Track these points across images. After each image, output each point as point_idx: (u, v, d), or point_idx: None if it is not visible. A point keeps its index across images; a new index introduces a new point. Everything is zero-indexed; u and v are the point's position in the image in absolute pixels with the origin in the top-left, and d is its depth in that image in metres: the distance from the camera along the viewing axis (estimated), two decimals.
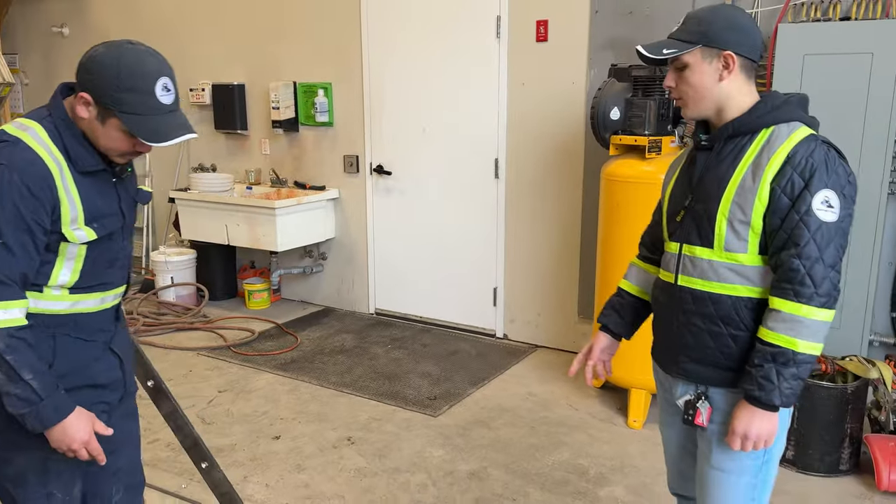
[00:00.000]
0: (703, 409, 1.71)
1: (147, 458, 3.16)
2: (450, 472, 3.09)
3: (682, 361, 1.75)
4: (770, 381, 1.58)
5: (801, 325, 1.56)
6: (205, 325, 4.98)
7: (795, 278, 1.56)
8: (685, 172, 1.80)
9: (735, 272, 1.66)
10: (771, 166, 1.60)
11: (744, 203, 1.62)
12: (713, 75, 1.65)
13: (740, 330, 1.66)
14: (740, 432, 1.63)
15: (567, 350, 4.48)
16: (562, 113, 4.24)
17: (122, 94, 1.57)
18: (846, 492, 2.92)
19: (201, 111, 5.75)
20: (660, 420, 1.99)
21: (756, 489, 1.71)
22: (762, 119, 1.65)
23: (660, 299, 1.84)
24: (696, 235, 1.71)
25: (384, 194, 5.06)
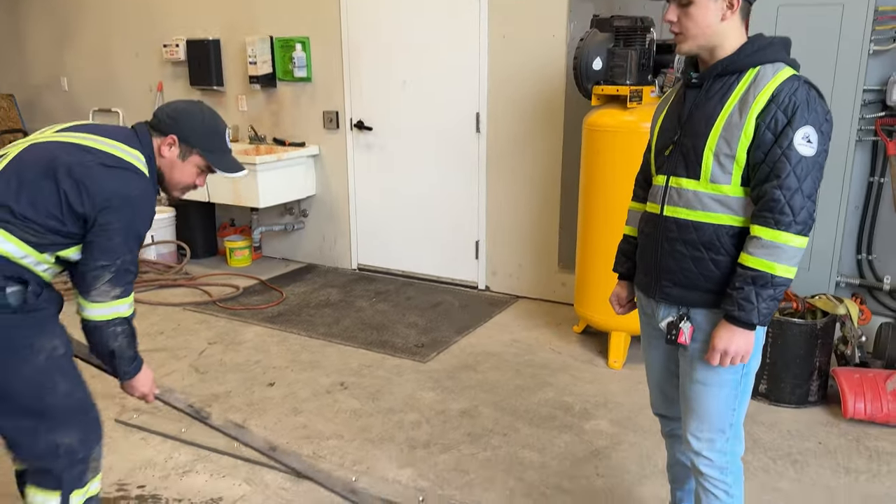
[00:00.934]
0: (685, 328, 1.83)
1: (145, 406, 3.22)
2: (442, 412, 3.21)
3: (665, 286, 1.87)
4: (750, 301, 1.71)
5: (780, 250, 1.68)
6: (188, 282, 5.00)
7: (776, 207, 1.68)
8: (674, 109, 1.89)
9: (718, 202, 1.77)
10: (757, 104, 1.70)
11: (730, 138, 1.73)
12: (717, 13, 1.73)
13: (720, 255, 1.78)
14: (720, 349, 1.76)
15: (547, 300, 4.61)
16: (542, 66, 4.30)
17: (205, 136, 2.05)
18: (815, 420, 3.12)
19: (175, 67, 5.68)
20: (643, 346, 2.12)
21: (736, 399, 1.86)
22: (749, 59, 1.75)
23: (645, 230, 1.96)
24: (682, 168, 1.82)
25: (365, 150, 5.08)
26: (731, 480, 1.91)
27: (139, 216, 1.92)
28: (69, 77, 6.29)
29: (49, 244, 1.85)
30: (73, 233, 1.86)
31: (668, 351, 1.98)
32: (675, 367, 1.99)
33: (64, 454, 1.95)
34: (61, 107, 6.40)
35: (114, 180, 1.87)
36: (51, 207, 1.82)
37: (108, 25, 5.92)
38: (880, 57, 3.44)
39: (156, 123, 2.03)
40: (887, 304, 3.66)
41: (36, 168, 1.84)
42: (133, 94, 5.97)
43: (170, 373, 3.60)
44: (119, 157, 1.92)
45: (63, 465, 1.96)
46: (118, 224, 1.86)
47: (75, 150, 1.88)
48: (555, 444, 2.94)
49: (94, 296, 1.89)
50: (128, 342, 2.00)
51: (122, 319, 1.96)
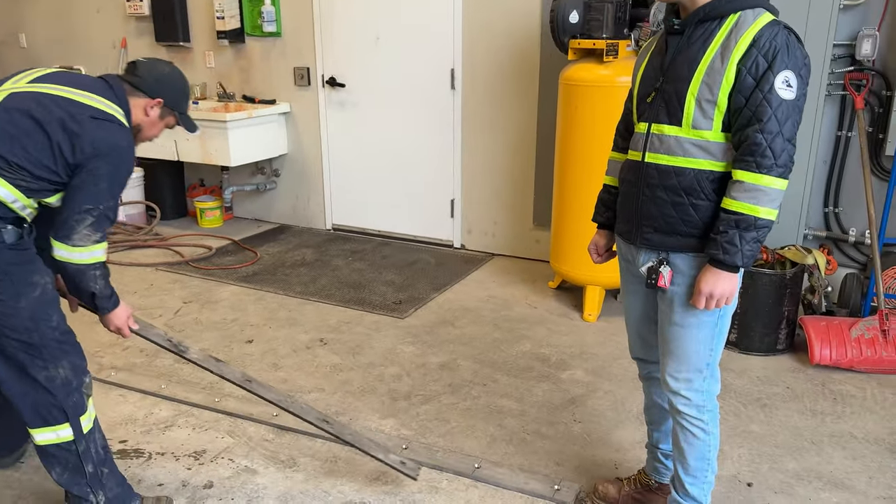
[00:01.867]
0: (664, 272, 1.87)
1: (122, 364, 3.22)
2: (421, 365, 3.25)
3: (645, 232, 1.90)
4: (734, 244, 1.74)
5: (762, 192, 1.72)
6: (159, 243, 4.92)
7: (758, 151, 1.70)
8: (656, 57, 1.91)
9: (699, 147, 1.79)
10: (738, 49, 1.71)
11: (712, 83, 1.74)
12: None
13: (701, 199, 1.81)
14: (706, 292, 1.80)
15: (523, 257, 4.65)
16: (517, 21, 4.27)
17: (182, 100, 2.25)
18: (783, 367, 3.23)
19: (139, 23, 5.51)
20: (622, 292, 2.16)
21: (713, 339, 1.91)
22: (730, 4, 1.76)
23: (627, 178, 1.97)
24: (664, 114, 1.83)
25: (337, 108, 5.02)
26: (708, 418, 1.97)
27: (125, 166, 2.01)
28: (27, 33, 6.07)
29: (38, 190, 1.93)
30: (62, 181, 1.95)
31: (647, 295, 2.02)
32: (654, 312, 2.03)
33: (61, 385, 2.03)
34: (19, 64, 6.17)
35: (104, 131, 1.95)
36: (44, 158, 1.90)
37: None
38: (850, 11, 3.49)
39: (138, 83, 2.13)
40: (852, 256, 3.77)
41: (26, 120, 1.89)
42: (95, 51, 5.78)
43: None
44: (104, 111, 1.99)
45: (63, 395, 2.04)
46: (105, 170, 1.94)
47: (63, 103, 1.94)
48: (533, 392, 3.00)
49: (75, 240, 1.94)
50: (105, 282, 2.09)
51: (100, 263, 2.04)
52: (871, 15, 3.47)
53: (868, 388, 3.05)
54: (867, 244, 3.63)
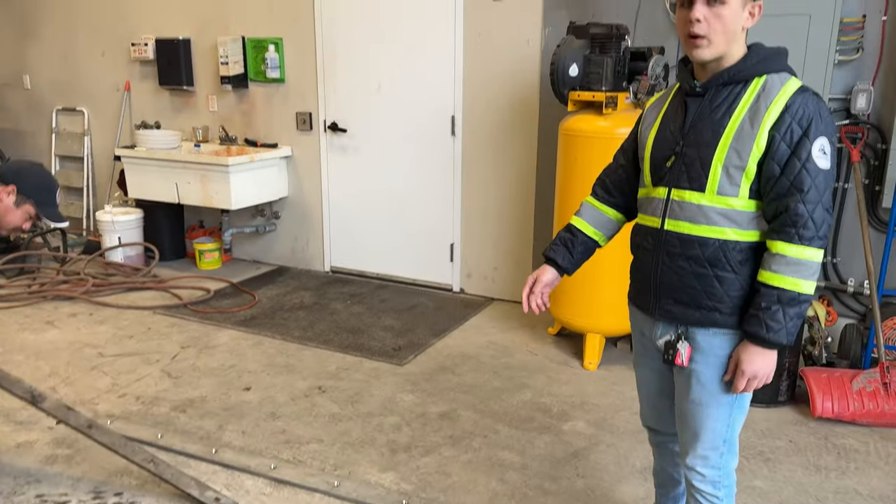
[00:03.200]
0: (682, 349, 1.78)
1: (119, 412, 3.17)
2: (421, 414, 3.21)
3: (665, 303, 1.81)
4: (778, 321, 1.66)
5: (804, 266, 1.65)
6: (157, 285, 4.91)
7: (800, 221, 1.63)
8: (672, 118, 1.82)
9: (724, 216, 1.72)
10: (770, 114, 1.66)
11: (741, 149, 1.68)
12: (742, 20, 1.69)
13: (726, 271, 1.72)
14: (750, 373, 1.70)
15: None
16: (517, 71, 4.34)
17: (38, 191, 2.51)
18: (785, 419, 3.21)
19: (143, 66, 5.58)
20: (634, 361, 2.07)
21: (731, 416, 1.83)
22: (755, 68, 1.71)
23: (643, 245, 1.88)
24: (685, 180, 1.75)
25: (339, 152, 5.06)
26: (724, 494, 1.90)
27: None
28: (32, 74, 6.13)
29: None
30: None
31: (662, 369, 1.93)
32: (669, 385, 1.94)
33: None
34: (23, 105, 6.24)
35: None
36: None
37: (73, 22, 5.79)
38: (845, 67, 3.56)
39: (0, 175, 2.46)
40: (851, 306, 3.78)
41: None
42: (99, 94, 5.85)
43: (141, 377, 3.54)
44: None
45: None
46: None
47: None
48: (535, 445, 2.97)
49: None
50: None
51: None
52: (865, 70, 3.54)
53: (871, 441, 3.03)
54: (866, 294, 3.64)
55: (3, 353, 3.80)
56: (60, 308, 4.48)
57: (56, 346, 3.90)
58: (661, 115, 1.88)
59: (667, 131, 1.83)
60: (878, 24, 3.48)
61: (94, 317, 4.35)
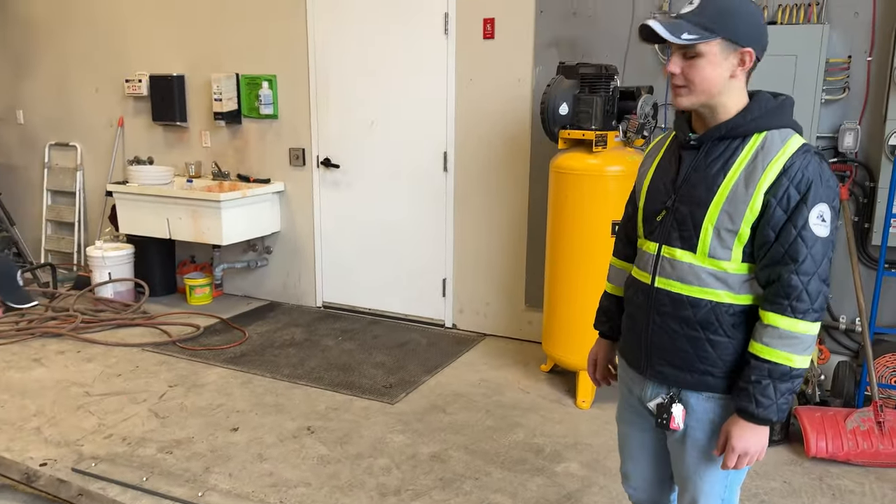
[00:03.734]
0: (676, 413, 1.69)
1: (104, 454, 3.12)
2: (412, 456, 3.17)
3: (656, 364, 1.73)
4: (768, 397, 1.56)
5: (798, 340, 1.55)
6: (147, 321, 4.87)
7: (793, 294, 1.54)
8: (666, 169, 1.73)
9: (717, 278, 1.62)
10: (766, 176, 1.55)
11: (734, 212, 1.58)
12: (727, 70, 1.58)
13: (718, 335, 1.64)
14: (739, 450, 1.60)
15: (515, 338, 4.63)
16: (509, 108, 4.38)
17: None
18: (779, 460, 3.17)
19: (137, 102, 5.61)
20: (618, 416, 1.98)
21: (729, 477, 1.75)
22: (755, 123, 1.60)
23: (634, 299, 1.79)
24: (677, 238, 1.66)
25: (331, 187, 5.07)
26: None
27: None
28: (25, 110, 6.16)
29: None
30: None
31: (653, 430, 1.83)
32: (659, 446, 1.87)
33: None
34: (16, 140, 6.25)
35: None
36: None
37: (67, 58, 5.83)
38: (832, 106, 3.60)
39: None
40: (844, 344, 3.77)
41: None
42: (92, 129, 5.86)
43: (128, 417, 3.48)
44: None
45: None
46: None
47: None
48: (527, 487, 2.93)
49: None
50: None
51: None
52: (852, 109, 3.59)
53: (867, 482, 2.99)
54: (858, 332, 3.63)
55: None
56: (48, 345, 4.43)
57: (42, 385, 3.84)
58: (655, 164, 1.79)
59: (660, 183, 1.74)
60: (863, 65, 3.53)
61: (81, 354, 4.30)
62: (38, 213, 6.22)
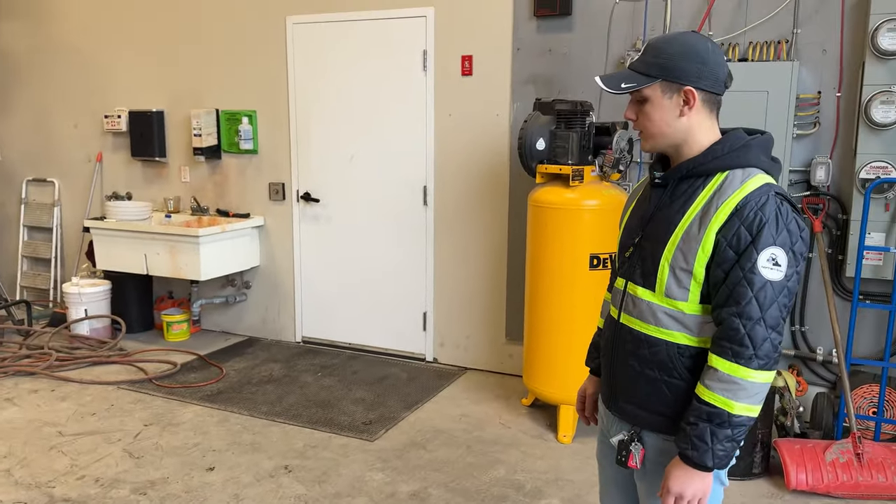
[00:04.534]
0: (635, 451, 1.67)
1: (75, 496, 3.05)
2: (391, 495, 3.12)
3: (620, 400, 1.72)
4: (704, 441, 1.51)
5: (738, 386, 1.50)
6: (123, 359, 4.79)
7: (734, 338, 1.50)
8: (640, 206, 1.74)
9: (674, 318, 1.60)
10: (718, 216, 1.53)
11: (687, 251, 1.56)
12: (673, 110, 1.58)
13: (674, 378, 1.60)
14: (675, 492, 1.56)
15: (495, 371, 4.60)
16: (487, 143, 4.42)
17: None
18: (759, 493, 3.16)
19: (116, 138, 5.60)
20: (597, 450, 1.96)
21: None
22: (717, 162, 1.58)
23: (605, 334, 1.81)
24: (639, 275, 1.66)
25: (311, 221, 5.07)
26: None
27: None
28: (2, 145, 6.11)
29: None
30: None
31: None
32: (630, 481, 1.82)
33: None
34: None
35: None
36: None
37: (45, 94, 5.82)
38: (803, 140, 3.67)
39: None
40: (821, 375, 3.79)
41: None
42: (70, 165, 5.83)
43: (101, 457, 3.41)
44: None
45: None
46: None
47: None
48: None
49: None
50: None
51: None
52: (823, 144, 3.66)
53: None
54: (835, 363, 3.66)
55: None
56: (21, 384, 4.34)
57: (14, 426, 3.76)
58: (635, 202, 1.80)
59: (634, 220, 1.75)
60: (833, 100, 3.62)
61: (55, 393, 4.22)
62: (14, 249, 6.14)
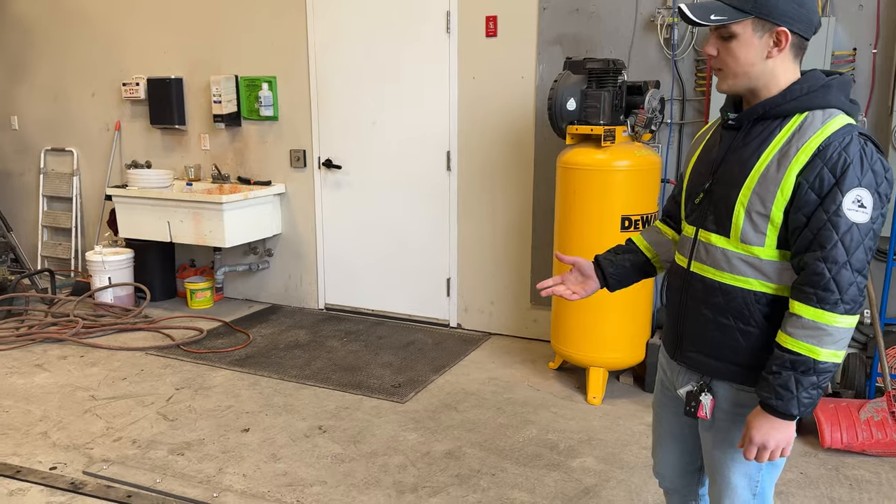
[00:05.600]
0: (705, 401, 1.66)
1: (114, 456, 3.08)
2: (426, 453, 3.14)
3: (687, 350, 1.69)
4: (788, 390, 1.48)
5: (824, 332, 1.46)
6: (148, 326, 4.81)
7: (819, 283, 1.45)
8: (709, 151, 1.69)
9: (750, 265, 1.56)
10: (799, 158, 1.47)
11: (764, 194, 1.51)
12: (761, 51, 1.52)
13: (750, 325, 1.57)
14: (758, 443, 1.54)
15: (520, 336, 4.61)
16: (512, 106, 4.37)
17: None
18: (795, 451, 3.15)
19: (135, 106, 5.56)
20: (654, 401, 1.94)
21: (760, 472, 1.68)
22: (795, 103, 1.52)
23: (672, 284, 1.76)
24: (712, 221, 1.61)
25: (333, 188, 5.04)
26: None
27: None
28: (20, 115, 6.09)
29: None
30: None
31: (684, 418, 1.77)
32: (690, 434, 1.82)
33: None
34: (10, 146, 6.18)
35: None
36: None
37: (62, 64, 5.78)
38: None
39: None
40: (853, 336, 3.77)
41: None
42: (89, 134, 5.81)
43: (136, 420, 3.44)
44: None
45: None
46: None
47: None
48: (544, 483, 2.91)
49: None
50: None
51: None
52: (858, 101, 3.59)
53: (882, 472, 2.99)
54: (867, 324, 3.64)
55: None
56: (50, 351, 4.37)
57: (46, 390, 3.79)
58: (701, 147, 1.74)
59: (702, 165, 1.70)
60: (868, 57, 3.55)
61: (84, 359, 4.25)
62: (35, 219, 6.15)
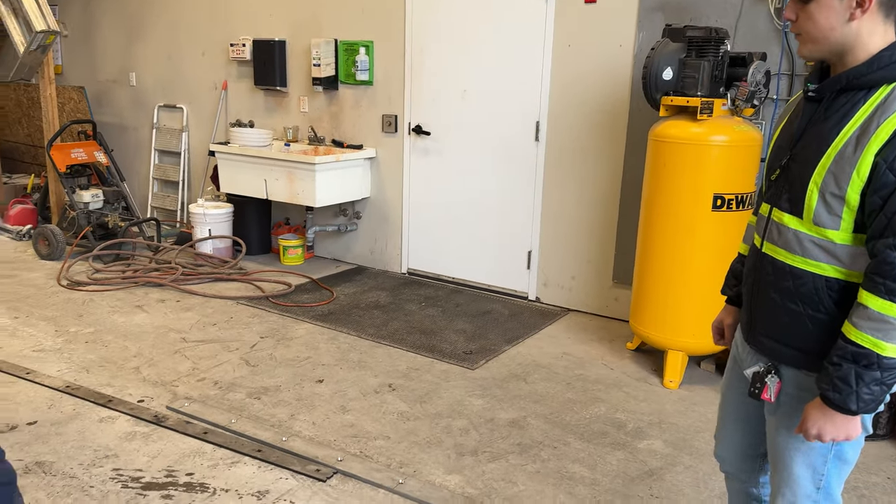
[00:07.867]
0: (771, 383, 1.59)
1: (196, 395, 3.26)
2: (490, 420, 3.15)
3: (758, 332, 1.63)
4: (848, 384, 1.40)
5: (891, 326, 1.36)
6: (242, 277, 5.05)
7: (890, 273, 1.35)
8: (791, 124, 1.59)
9: (823, 249, 1.46)
10: (879, 135, 1.36)
11: (839, 174, 1.41)
12: (842, 13, 1.41)
13: (819, 313, 1.49)
14: (813, 433, 1.48)
15: (600, 314, 4.52)
16: (607, 76, 4.24)
17: None
18: (884, 454, 2.96)
19: (241, 66, 5.79)
20: (724, 380, 1.87)
21: (826, 464, 1.59)
22: (883, 72, 1.40)
23: (747, 265, 1.70)
24: (786, 200, 1.53)
25: (421, 155, 5.08)
26: None
27: None
28: (137, 72, 6.48)
29: None
30: None
31: (749, 400, 1.71)
32: (756, 419, 1.75)
33: None
34: (128, 101, 6.60)
35: None
36: None
37: (176, 24, 6.09)
38: None
39: None
40: None
41: None
42: (198, 92, 6.11)
43: (220, 363, 3.63)
44: None
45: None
46: None
47: None
48: (606, 460, 2.85)
49: None
50: None
51: None
52: None
53: None
54: None
55: (95, 332, 4.00)
56: (150, 294, 4.68)
57: (143, 330, 4.07)
58: (786, 119, 1.65)
59: (783, 139, 1.60)
60: None
61: (180, 303, 4.52)
62: (146, 172, 6.56)
